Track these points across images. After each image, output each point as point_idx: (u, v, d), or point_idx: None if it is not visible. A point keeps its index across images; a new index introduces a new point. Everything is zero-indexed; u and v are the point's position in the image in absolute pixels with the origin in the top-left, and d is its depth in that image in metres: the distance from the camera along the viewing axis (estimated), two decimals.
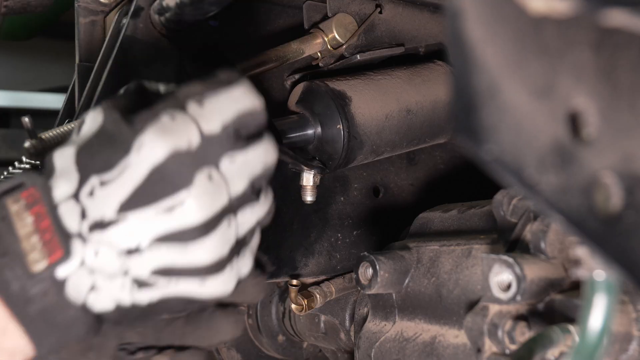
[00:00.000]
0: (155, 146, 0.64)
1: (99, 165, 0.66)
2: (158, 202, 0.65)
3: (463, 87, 0.52)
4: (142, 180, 0.65)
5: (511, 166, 0.51)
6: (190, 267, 0.68)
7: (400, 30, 1.21)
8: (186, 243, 0.66)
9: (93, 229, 0.66)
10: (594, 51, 0.44)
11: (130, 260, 0.67)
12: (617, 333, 0.73)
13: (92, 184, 0.66)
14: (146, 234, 0.66)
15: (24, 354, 0.67)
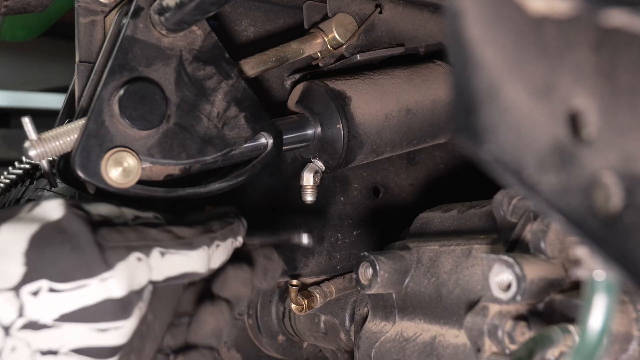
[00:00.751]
0: (120, 286, 0.71)
1: (54, 272, 0.69)
2: (96, 323, 0.71)
3: (463, 87, 0.52)
4: (93, 303, 0.70)
5: (511, 166, 0.51)
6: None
7: (400, 30, 1.21)
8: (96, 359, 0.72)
9: (25, 328, 0.68)
10: (594, 51, 0.44)
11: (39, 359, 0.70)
12: (617, 333, 0.73)
13: (40, 285, 0.68)
14: (69, 344, 0.70)
15: None
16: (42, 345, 0.69)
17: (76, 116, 0.98)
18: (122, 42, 0.92)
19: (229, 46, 1.04)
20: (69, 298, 0.70)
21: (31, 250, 0.69)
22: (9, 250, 0.69)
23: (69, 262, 0.70)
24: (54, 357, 0.70)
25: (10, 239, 0.70)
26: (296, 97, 1.12)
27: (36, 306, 0.68)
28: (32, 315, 0.68)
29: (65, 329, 0.70)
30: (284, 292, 1.41)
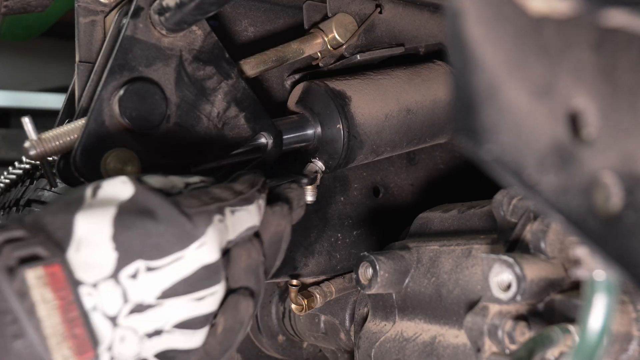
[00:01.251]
0: (213, 250, 0.71)
1: (147, 250, 0.67)
2: (194, 292, 0.70)
3: (463, 87, 0.52)
4: (191, 274, 0.69)
5: (511, 166, 0.51)
6: (187, 351, 0.72)
7: (400, 30, 1.21)
8: (196, 330, 0.71)
9: (131, 313, 0.66)
10: (594, 51, 0.44)
11: (146, 343, 0.68)
12: (617, 333, 0.73)
13: (137, 267, 0.66)
14: (172, 320, 0.69)
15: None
16: (148, 328, 0.67)
17: (76, 116, 0.98)
18: (122, 42, 0.92)
19: (229, 46, 1.04)
20: (167, 273, 0.68)
21: (118, 234, 0.66)
22: (96, 238, 0.66)
23: (159, 237, 0.68)
24: (159, 337, 0.69)
25: (92, 228, 0.66)
26: (296, 97, 1.12)
27: (138, 288, 0.66)
28: (137, 298, 0.66)
29: (167, 305, 0.68)
30: (284, 292, 1.41)
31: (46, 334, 0.60)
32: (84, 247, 0.65)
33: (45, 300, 0.60)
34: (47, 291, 0.61)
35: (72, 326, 0.61)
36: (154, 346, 0.69)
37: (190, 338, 0.71)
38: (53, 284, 0.61)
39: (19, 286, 0.60)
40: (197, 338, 0.72)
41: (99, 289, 0.64)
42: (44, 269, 0.61)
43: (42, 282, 0.61)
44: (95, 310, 0.64)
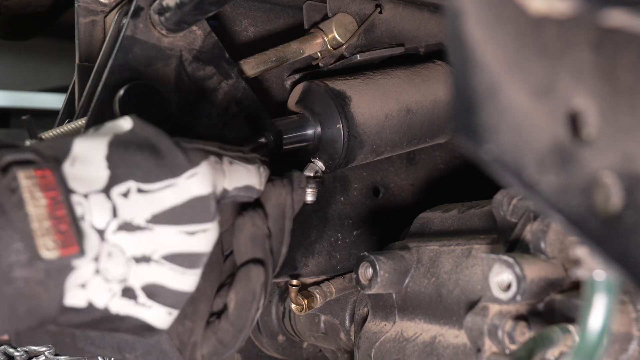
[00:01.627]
0: (206, 183, 0.72)
1: (139, 173, 0.69)
2: (185, 224, 0.70)
3: (463, 87, 0.52)
4: (181, 203, 0.70)
5: (511, 166, 0.51)
6: (176, 292, 0.71)
7: (400, 30, 1.21)
8: (186, 270, 0.71)
9: (119, 230, 0.67)
10: (594, 51, 0.44)
11: (133, 269, 0.68)
12: (617, 333, 0.73)
13: (129, 186, 0.68)
14: (161, 248, 0.69)
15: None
16: (135, 251, 0.68)
17: (76, 116, 0.98)
18: (122, 42, 0.92)
19: (229, 46, 1.04)
20: (158, 198, 0.69)
21: (112, 155, 0.68)
22: (90, 156, 0.68)
23: (152, 163, 0.70)
24: (147, 266, 0.69)
25: (88, 147, 0.68)
26: (296, 97, 1.12)
27: (128, 206, 0.68)
28: (126, 216, 0.67)
29: (157, 231, 0.69)
30: (284, 292, 1.41)
31: (32, 227, 0.61)
32: (78, 163, 0.67)
33: (34, 198, 0.62)
34: (37, 190, 0.63)
35: (58, 223, 0.63)
36: (142, 275, 0.69)
37: (180, 277, 0.71)
38: (43, 185, 0.63)
39: (8, 182, 0.62)
40: (187, 280, 0.71)
41: (89, 199, 0.66)
42: (35, 172, 0.63)
43: (32, 182, 0.63)
44: (84, 220, 0.65)
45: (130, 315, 0.70)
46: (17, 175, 0.63)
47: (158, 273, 0.70)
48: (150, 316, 0.70)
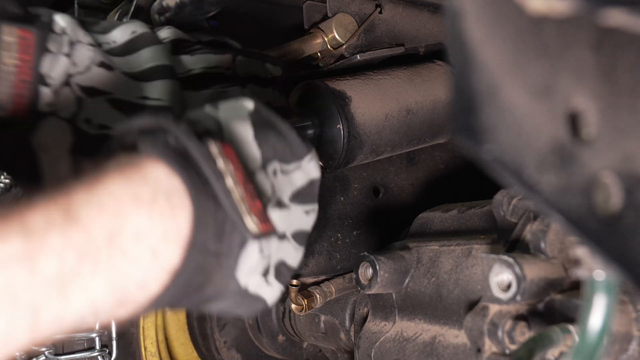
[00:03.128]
0: (317, 166, 0.77)
1: (280, 154, 0.72)
2: (306, 204, 0.75)
3: (463, 87, 0.52)
4: (304, 184, 0.74)
5: (511, 166, 0.51)
6: (290, 269, 0.74)
7: (400, 30, 1.21)
8: (299, 247, 0.75)
9: (276, 206, 0.70)
10: (594, 51, 0.44)
11: (277, 246, 0.70)
12: (617, 333, 0.73)
13: (275, 166, 0.71)
14: (291, 227, 0.73)
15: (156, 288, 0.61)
16: (280, 230, 0.70)
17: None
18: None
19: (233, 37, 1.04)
20: (293, 179, 0.73)
21: (257, 134, 0.70)
22: (242, 133, 0.69)
23: (282, 145, 0.72)
24: (281, 243, 0.71)
25: (240, 128, 0.69)
26: (296, 97, 1.12)
27: (277, 184, 0.71)
28: (279, 193, 0.70)
29: (293, 209, 0.72)
30: (283, 292, 1.41)
31: (236, 200, 0.63)
32: (238, 141, 0.68)
33: (229, 171, 0.63)
34: (229, 163, 0.63)
35: (253, 200, 0.65)
36: (279, 252, 0.71)
37: (296, 254, 0.74)
38: (231, 158, 0.64)
39: (207, 152, 0.62)
40: (298, 256, 0.75)
41: (257, 175, 0.68)
42: (222, 144, 0.64)
43: (222, 155, 0.63)
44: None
45: (258, 296, 0.70)
46: (210, 146, 0.63)
47: (286, 250, 0.72)
48: (268, 294, 0.72)
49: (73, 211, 0.55)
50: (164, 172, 0.60)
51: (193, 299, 0.65)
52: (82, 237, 0.55)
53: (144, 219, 0.58)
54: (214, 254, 0.62)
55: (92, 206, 0.56)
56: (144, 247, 0.58)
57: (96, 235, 0.56)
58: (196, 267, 0.61)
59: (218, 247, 0.62)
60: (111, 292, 0.57)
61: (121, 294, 0.58)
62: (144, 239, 0.58)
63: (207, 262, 0.62)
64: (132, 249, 0.57)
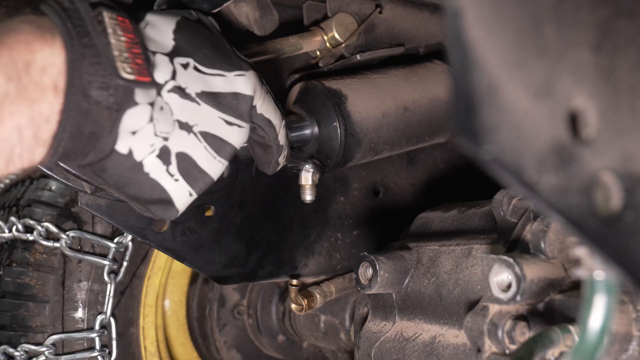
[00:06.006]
0: (248, 86, 0.81)
1: (199, 54, 0.78)
2: (226, 113, 0.79)
3: (463, 87, 0.52)
4: (225, 92, 0.79)
5: (511, 166, 0.51)
6: (203, 173, 0.79)
7: (400, 30, 1.21)
8: (215, 157, 0.79)
9: (173, 91, 0.75)
10: (594, 51, 0.44)
11: (176, 131, 0.75)
12: (617, 333, 0.73)
13: (188, 61, 0.77)
14: (202, 124, 0.77)
15: (38, 145, 0.68)
16: (181, 116, 0.76)
17: None
18: None
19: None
20: (209, 80, 0.78)
21: (178, 30, 0.78)
22: (160, 26, 0.77)
23: (210, 52, 0.79)
24: (186, 134, 0.76)
25: (159, 18, 0.78)
26: (294, 97, 1.12)
27: (185, 76, 0.76)
28: (181, 82, 0.76)
29: (203, 107, 0.77)
30: (284, 292, 1.41)
31: (114, 53, 0.69)
32: (149, 27, 0.76)
33: (115, 33, 0.70)
34: (118, 29, 0.71)
35: (134, 57, 0.71)
36: (180, 141, 0.76)
37: (210, 160, 0.78)
38: (123, 27, 0.71)
39: (96, 14, 0.70)
40: (215, 165, 0.79)
41: (155, 56, 0.75)
42: (118, 16, 0.71)
43: (114, 22, 0.71)
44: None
45: (157, 182, 0.75)
46: (102, 12, 0.70)
47: (193, 146, 0.77)
48: (174, 189, 0.77)
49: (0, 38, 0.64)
50: (52, 23, 0.68)
51: (89, 151, 0.71)
52: (6, 60, 0.64)
53: (47, 53, 0.66)
54: (99, 103, 0.68)
55: (10, 35, 0.65)
56: (48, 80, 0.66)
57: (17, 60, 0.65)
58: (82, 110, 0.68)
59: (104, 98, 0.68)
60: (30, 121, 0.66)
61: (36, 126, 0.66)
62: (48, 72, 0.66)
63: (94, 110, 0.68)
64: (41, 80, 0.66)
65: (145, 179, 0.74)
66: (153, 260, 1.27)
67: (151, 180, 0.75)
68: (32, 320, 1.18)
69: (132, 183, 0.74)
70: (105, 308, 1.19)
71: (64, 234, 1.16)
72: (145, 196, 0.76)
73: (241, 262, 1.17)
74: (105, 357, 1.19)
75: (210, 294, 1.43)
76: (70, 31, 0.68)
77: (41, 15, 0.69)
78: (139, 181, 0.74)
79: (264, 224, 1.19)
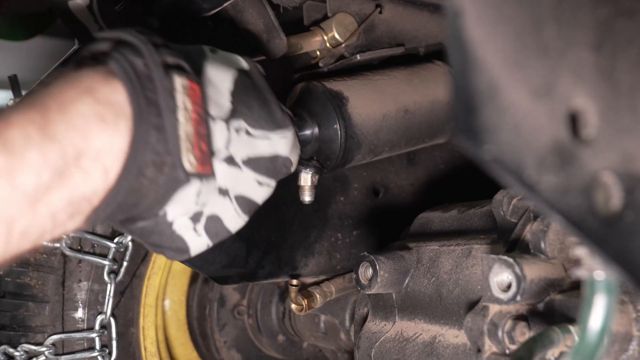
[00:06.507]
0: (288, 146, 0.79)
1: (251, 116, 0.75)
2: (262, 175, 0.77)
3: (463, 87, 0.52)
4: (267, 155, 0.77)
5: (511, 166, 0.51)
6: (225, 230, 0.77)
7: (400, 30, 1.21)
8: (242, 215, 0.77)
9: (225, 161, 0.72)
10: (594, 51, 0.44)
11: (216, 199, 0.73)
12: (617, 333, 0.73)
13: (241, 125, 0.74)
14: (237, 189, 0.75)
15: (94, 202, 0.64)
16: (223, 183, 0.73)
17: None
18: None
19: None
20: (256, 144, 0.76)
21: (235, 91, 0.74)
22: (218, 83, 0.72)
23: (260, 111, 0.76)
24: (222, 199, 0.74)
25: (218, 75, 0.73)
26: (294, 98, 1.12)
27: (237, 142, 0.73)
28: (232, 150, 0.73)
29: (243, 172, 0.75)
30: (284, 292, 1.41)
31: (180, 136, 0.65)
32: (210, 86, 0.71)
33: (185, 109, 0.66)
34: (188, 102, 0.66)
35: (200, 140, 0.67)
36: (214, 205, 0.74)
37: (236, 219, 0.77)
38: (193, 98, 0.67)
39: (169, 86, 0.65)
40: (238, 223, 0.77)
41: (216, 124, 0.70)
42: (189, 82, 0.67)
43: (185, 92, 0.66)
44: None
45: (181, 237, 0.73)
46: (175, 80, 0.65)
47: (225, 208, 0.75)
48: (194, 243, 0.75)
49: (49, 129, 0.59)
50: (123, 96, 0.63)
51: (126, 215, 0.68)
52: (56, 155, 0.59)
53: (106, 140, 0.62)
54: (151, 181, 0.65)
55: (65, 125, 0.60)
56: (100, 165, 0.62)
57: (68, 152, 0.60)
58: (130, 189, 0.64)
59: (156, 177, 0.65)
60: (68, 205, 0.62)
61: (75, 208, 0.62)
62: (102, 158, 0.62)
63: (143, 186, 0.65)
64: (91, 167, 0.61)
65: (169, 233, 0.72)
66: (153, 260, 1.27)
67: (175, 235, 0.73)
68: (32, 320, 1.18)
69: (155, 234, 0.72)
70: (105, 308, 1.19)
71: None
72: (164, 245, 0.74)
73: (241, 262, 1.17)
74: (105, 357, 1.19)
75: (210, 294, 1.43)
76: (142, 110, 0.63)
77: (106, 75, 0.63)
78: (163, 234, 0.72)
79: (264, 224, 1.19)
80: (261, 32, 1.04)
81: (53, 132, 0.59)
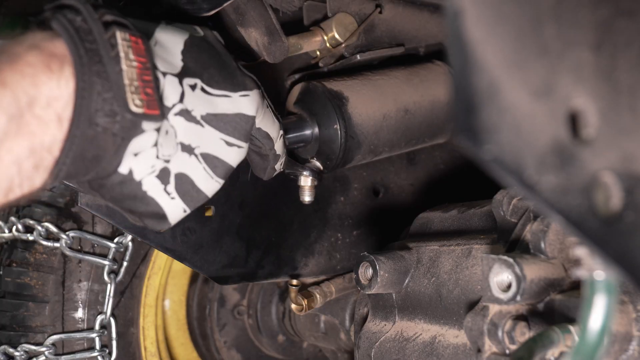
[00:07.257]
0: (252, 107, 0.82)
1: (206, 74, 0.78)
2: (228, 134, 0.79)
3: (463, 87, 0.52)
4: (230, 114, 0.79)
5: (511, 166, 0.51)
6: (199, 192, 0.79)
7: (400, 30, 1.21)
8: (213, 177, 0.79)
9: (179, 114, 0.75)
10: (594, 51, 0.44)
11: (178, 153, 0.75)
12: (617, 333, 0.73)
13: (196, 82, 0.77)
14: (204, 146, 0.77)
15: (45, 167, 0.67)
16: (184, 139, 0.76)
17: None
18: None
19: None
20: (215, 102, 0.78)
21: (186, 51, 0.77)
22: (169, 45, 0.77)
23: (217, 71, 0.79)
24: (187, 156, 0.76)
25: (168, 36, 0.77)
26: (294, 98, 1.12)
27: (192, 98, 0.76)
28: (188, 105, 0.75)
29: (205, 129, 0.77)
30: (284, 292, 1.41)
31: (125, 82, 0.68)
32: (159, 46, 0.76)
33: (127, 58, 0.69)
34: (130, 52, 0.69)
35: (145, 86, 0.70)
36: (180, 163, 0.76)
37: (207, 179, 0.78)
38: (135, 50, 0.70)
39: (108, 37, 0.68)
40: (211, 185, 0.79)
41: (166, 78, 0.74)
42: (130, 36, 0.70)
43: (127, 44, 0.69)
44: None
45: (154, 199, 0.75)
46: (116, 33, 0.69)
47: (193, 167, 0.77)
48: (169, 206, 0.77)
49: (1, 77, 0.62)
50: (65, 48, 0.67)
51: (91, 172, 0.70)
52: (9, 99, 0.62)
53: (54, 86, 0.65)
54: (106, 130, 0.68)
55: (14, 72, 0.63)
56: (52, 112, 0.65)
57: (20, 98, 0.63)
58: (87, 137, 0.67)
59: (110, 125, 0.68)
60: (30, 154, 0.65)
61: (37, 157, 0.65)
62: (53, 106, 0.65)
63: (99, 134, 0.68)
64: (45, 114, 0.65)
65: (142, 195, 0.74)
66: (153, 260, 1.27)
67: (148, 197, 0.75)
68: (32, 320, 1.18)
69: (128, 199, 0.74)
70: (105, 308, 1.19)
71: (64, 234, 1.16)
72: (140, 210, 0.76)
73: (241, 262, 1.17)
74: (105, 357, 1.19)
75: (210, 294, 1.43)
76: (82, 57, 0.66)
77: (50, 34, 0.67)
78: (136, 197, 0.74)
79: (264, 224, 1.19)
80: (262, 35, 1.04)
81: (3, 78, 0.63)
